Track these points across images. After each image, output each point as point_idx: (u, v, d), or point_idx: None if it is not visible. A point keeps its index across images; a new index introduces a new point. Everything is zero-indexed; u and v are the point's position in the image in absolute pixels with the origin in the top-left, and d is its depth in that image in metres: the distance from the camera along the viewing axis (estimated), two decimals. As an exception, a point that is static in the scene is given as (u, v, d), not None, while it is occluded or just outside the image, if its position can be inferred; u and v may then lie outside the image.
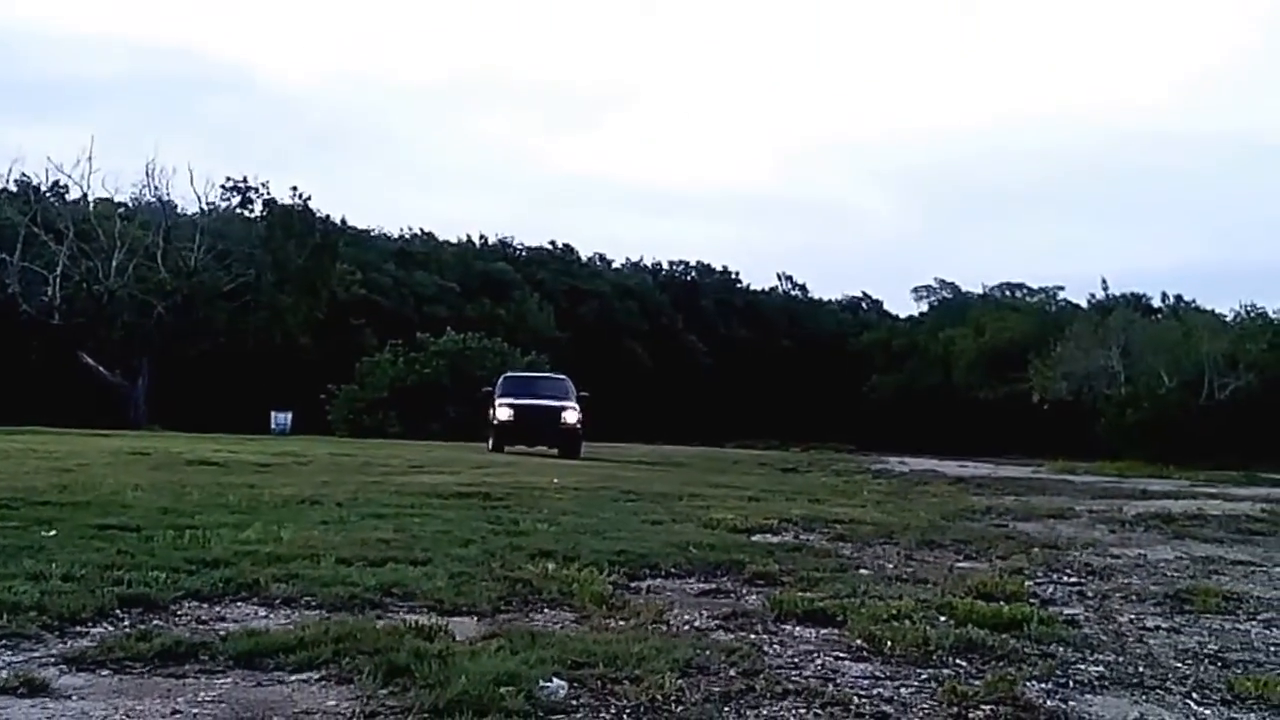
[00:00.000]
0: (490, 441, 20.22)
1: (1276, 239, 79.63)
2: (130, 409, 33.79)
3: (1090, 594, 5.12)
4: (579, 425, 20.20)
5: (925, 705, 3.00)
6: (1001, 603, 4.38)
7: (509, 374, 23.79)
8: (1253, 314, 46.26)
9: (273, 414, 33.94)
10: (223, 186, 40.39)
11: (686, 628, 3.81)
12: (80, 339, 35.06)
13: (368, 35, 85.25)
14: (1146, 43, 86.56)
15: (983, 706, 2.98)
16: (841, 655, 3.54)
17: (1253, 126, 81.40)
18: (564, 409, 20.18)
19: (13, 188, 37.97)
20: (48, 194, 38.46)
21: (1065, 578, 5.62)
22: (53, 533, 5.06)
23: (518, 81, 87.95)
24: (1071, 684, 3.36)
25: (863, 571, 5.37)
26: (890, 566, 5.66)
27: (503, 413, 20.04)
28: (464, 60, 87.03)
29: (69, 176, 37.99)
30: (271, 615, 3.68)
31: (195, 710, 2.59)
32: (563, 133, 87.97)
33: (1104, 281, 54.59)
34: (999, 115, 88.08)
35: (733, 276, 61.21)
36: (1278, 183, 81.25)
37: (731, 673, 3.12)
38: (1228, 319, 46.39)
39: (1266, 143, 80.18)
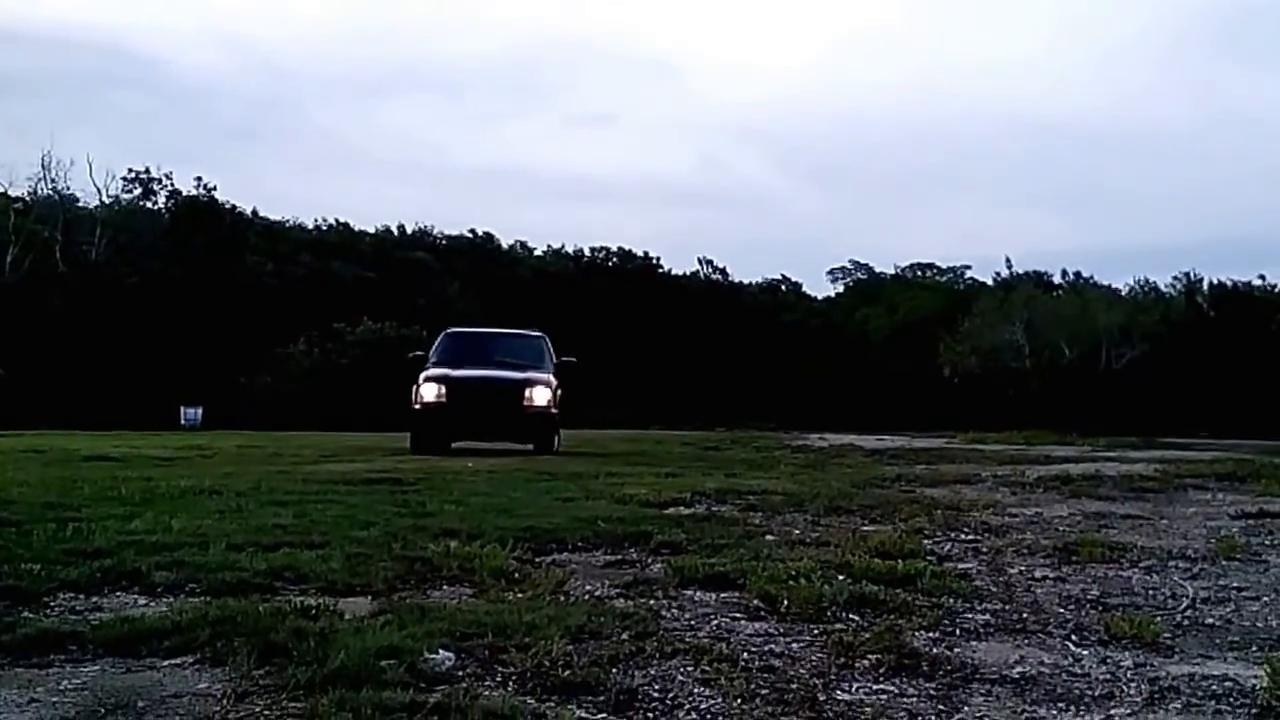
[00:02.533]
0: (412, 436, 13.37)
1: (1167, 218, 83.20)
2: (29, 408, 32.47)
3: (985, 549, 5.26)
4: (552, 407, 13.50)
5: (814, 658, 3.04)
6: (898, 560, 4.47)
7: (454, 330, 15.82)
8: (1146, 288, 48.45)
9: (182, 409, 32.99)
10: (124, 179, 39.31)
11: (585, 597, 3.79)
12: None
13: (274, 26, 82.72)
14: (1046, 32, 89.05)
15: (869, 656, 3.03)
16: (738, 615, 3.57)
17: (1145, 117, 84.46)
18: (529, 383, 13.31)
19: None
20: (-63, 187, 36.83)
21: (963, 536, 5.77)
22: (-76, 531, 4.81)
23: (431, 70, 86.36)
24: (958, 632, 3.44)
25: (768, 537, 5.42)
26: (797, 532, 5.72)
27: (429, 390, 12.95)
28: (374, 49, 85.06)
29: None
30: (152, 603, 3.53)
31: (55, 699, 2.47)
32: (479, 122, 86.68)
33: (1008, 260, 56.29)
34: (905, 102, 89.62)
35: (654, 262, 61.18)
36: (1167, 166, 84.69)
37: (624, 636, 3.11)
38: (1123, 293, 48.45)
39: (1158, 132, 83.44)
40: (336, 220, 55.57)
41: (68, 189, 37.83)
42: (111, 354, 35.09)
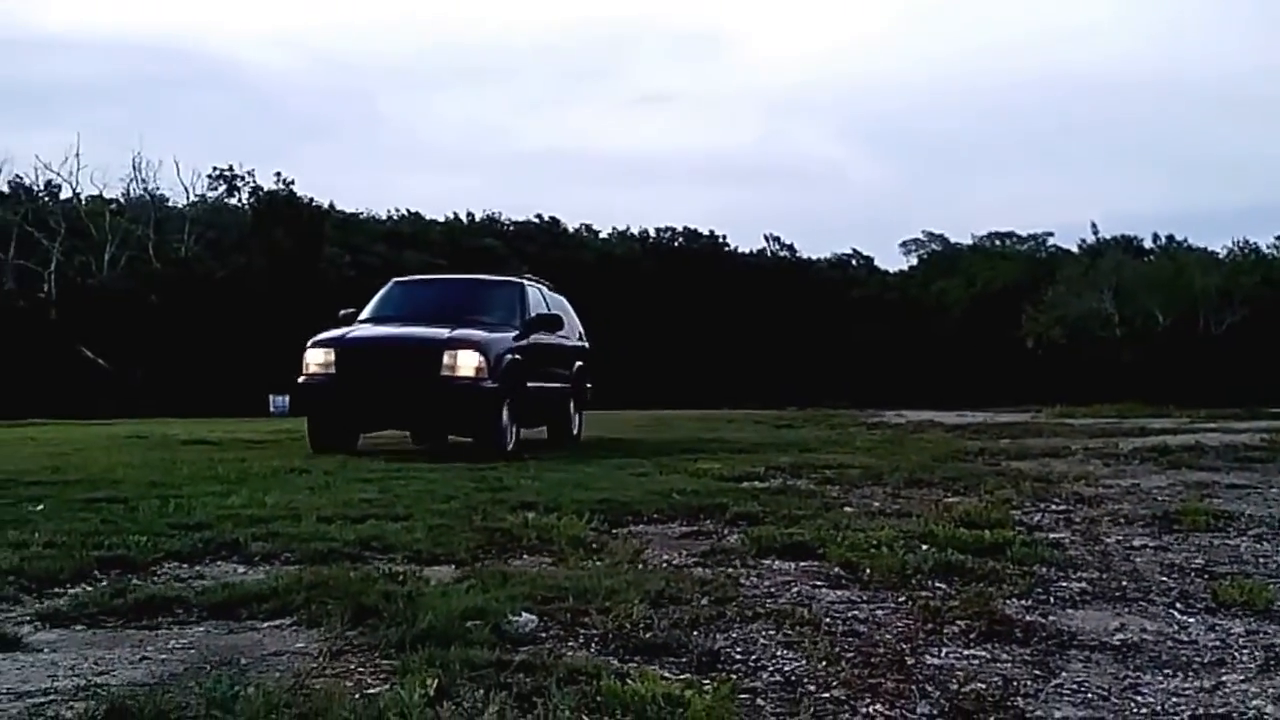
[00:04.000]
0: (308, 425, 9.47)
1: (1265, 176, 79.14)
2: (129, 398, 33.92)
3: (1078, 519, 5.13)
4: (486, 380, 8.95)
5: (900, 624, 2.99)
6: (985, 530, 4.37)
7: (401, 278, 11.97)
8: (1245, 249, 46.26)
9: (271, 398, 33.90)
10: (209, 176, 40.73)
11: (663, 565, 3.80)
12: (78, 333, 35.17)
13: (339, 23, 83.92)
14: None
15: (958, 622, 2.97)
16: (819, 583, 3.54)
17: (1233, 73, 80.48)
18: (451, 344, 9.08)
19: (5, 189, 38.16)
20: (40, 193, 38.70)
21: (1054, 506, 5.63)
22: (40, 507, 5.06)
23: (490, 57, 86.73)
24: (1052, 600, 3.36)
25: (847, 509, 5.36)
26: (876, 504, 5.65)
27: (315, 357, 9.28)
28: (434, 39, 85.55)
29: (58, 175, 38.53)
30: (250, 571, 3.67)
31: (164, 656, 2.59)
32: (540, 106, 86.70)
33: (1094, 225, 54.17)
34: (977, 64, 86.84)
35: (719, 240, 60.73)
36: (1264, 122, 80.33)
37: (703, 601, 3.12)
38: (1220, 255, 46.37)
39: (1252, 85, 79.40)
40: (408, 210, 56.58)
41: (157, 189, 39.44)
42: (204, 345, 36.33)
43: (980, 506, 5.23)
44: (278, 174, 41.33)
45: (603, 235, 60.16)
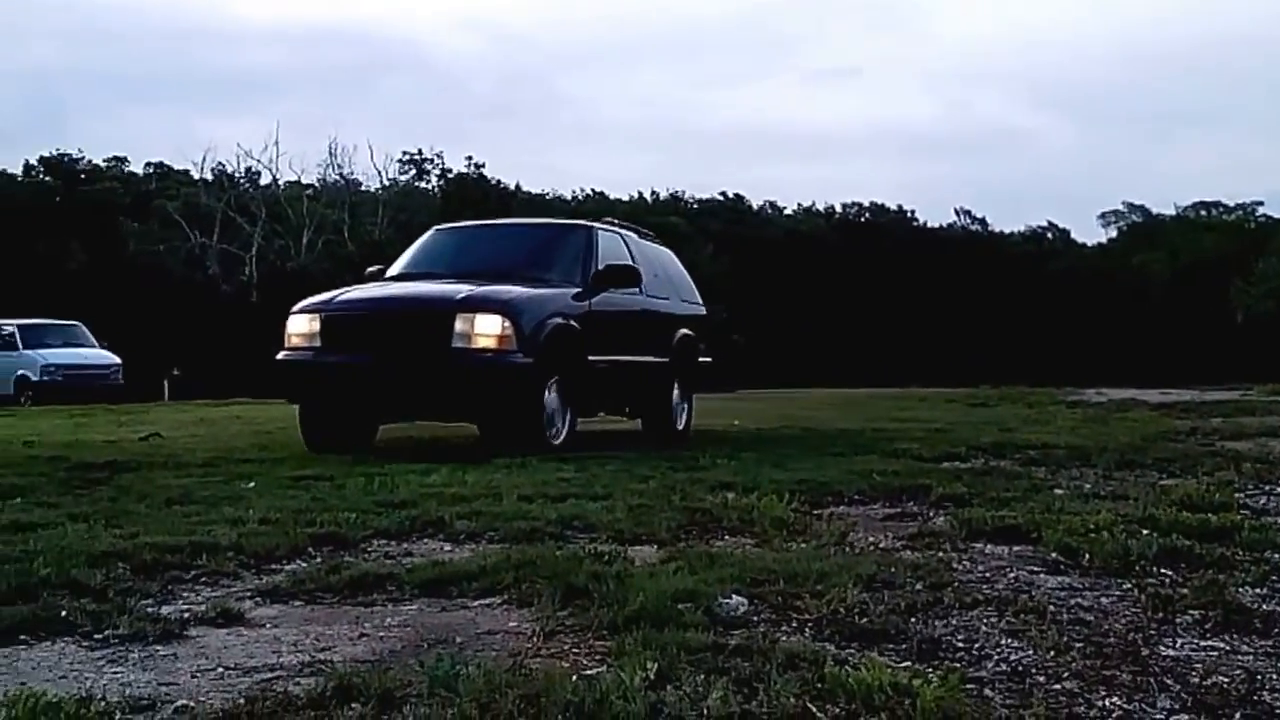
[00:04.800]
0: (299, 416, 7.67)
1: None
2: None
3: (1313, 504, 4.68)
4: (516, 353, 6.95)
5: (1128, 612, 2.82)
6: (1209, 514, 4.08)
7: (443, 227, 10.15)
8: None
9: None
10: (400, 161, 42.59)
11: (870, 548, 3.71)
12: (278, 314, 37.62)
13: (518, 3, 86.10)
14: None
15: (1190, 611, 2.78)
16: (1036, 569, 3.38)
17: None
18: (465, 306, 7.11)
19: (209, 176, 40.97)
20: (241, 180, 41.42)
21: (1279, 490, 5.17)
22: (252, 484, 5.36)
23: (672, 34, 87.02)
24: (1292, 590, 3.08)
25: (1057, 491, 5.11)
26: (1087, 486, 5.36)
27: (297, 326, 7.58)
28: (617, 17, 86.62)
29: (259, 161, 41.08)
30: (456, 549, 3.77)
31: (382, 633, 2.66)
32: (723, 83, 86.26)
33: (1307, 192, 49.22)
34: (1178, 25, 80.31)
35: (908, 215, 58.87)
36: None
37: (918, 586, 3.02)
38: None
39: None
40: (592, 190, 57.39)
41: (351, 173, 41.53)
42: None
43: (1200, 489, 4.86)
44: (469, 158, 42.83)
45: (787, 212, 59.41)
